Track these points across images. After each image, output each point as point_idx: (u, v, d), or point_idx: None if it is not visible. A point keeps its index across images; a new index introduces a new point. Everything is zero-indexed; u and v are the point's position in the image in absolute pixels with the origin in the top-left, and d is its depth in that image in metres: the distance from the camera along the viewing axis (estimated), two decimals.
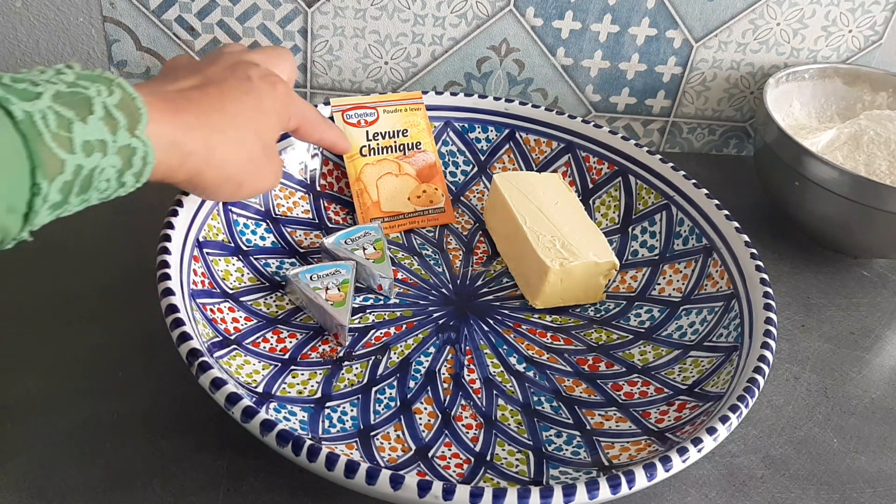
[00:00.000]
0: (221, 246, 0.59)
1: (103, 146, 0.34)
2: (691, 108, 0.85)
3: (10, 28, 0.72)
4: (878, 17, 0.80)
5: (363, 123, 0.66)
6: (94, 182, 0.34)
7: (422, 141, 0.68)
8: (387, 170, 0.66)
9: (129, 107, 0.35)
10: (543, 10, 0.76)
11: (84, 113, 0.33)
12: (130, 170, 0.36)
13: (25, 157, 0.30)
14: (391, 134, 0.67)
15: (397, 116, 0.67)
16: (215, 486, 0.48)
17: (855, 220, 0.67)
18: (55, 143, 0.31)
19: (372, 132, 0.66)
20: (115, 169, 0.35)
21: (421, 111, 0.68)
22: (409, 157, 0.67)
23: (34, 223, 0.33)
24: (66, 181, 0.32)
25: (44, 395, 0.52)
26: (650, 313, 0.61)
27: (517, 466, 0.49)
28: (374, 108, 0.67)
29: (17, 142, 0.30)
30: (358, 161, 0.66)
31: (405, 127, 0.67)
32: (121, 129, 0.34)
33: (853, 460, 0.55)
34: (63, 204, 0.34)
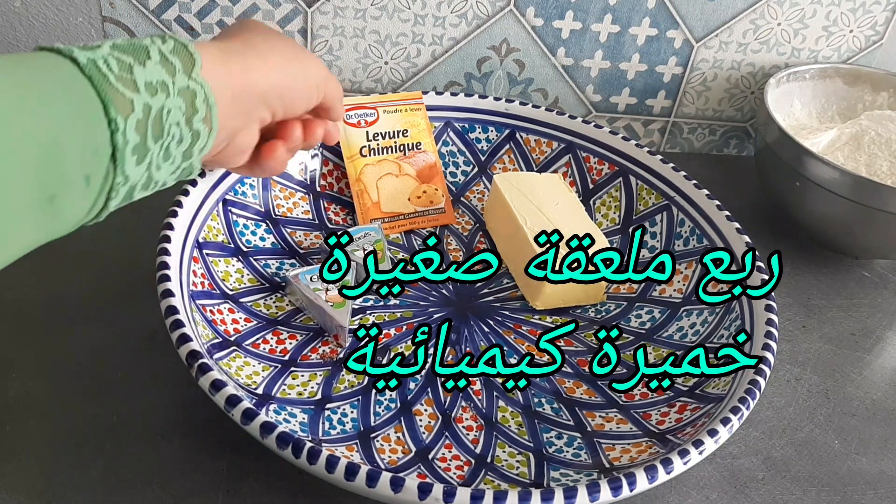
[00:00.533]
0: (221, 247, 0.59)
1: (165, 87, 0.36)
2: (692, 108, 0.85)
3: (9, 28, 0.71)
4: (878, 17, 0.80)
5: (363, 124, 0.66)
6: (164, 125, 0.36)
7: (422, 141, 0.68)
8: (387, 170, 0.66)
9: (182, 53, 0.37)
10: (544, 9, 0.76)
11: (142, 58, 0.35)
12: (197, 115, 0.38)
13: (95, 96, 0.32)
14: (391, 134, 0.67)
15: (397, 117, 0.67)
16: (215, 487, 0.48)
17: (856, 221, 0.67)
18: (120, 84, 0.33)
19: (372, 132, 0.66)
20: (182, 111, 0.37)
21: (421, 111, 0.68)
22: (409, 158, 0.67)
23: (126, 172, 0.34)
24: (138, 120, 0.34)
25: (44, 396, 0.51)
26: (651, 314, 0.61)
27: (518, 468, 0.49)
28: (375, 108, 0.67)
29: (85, 83, 0.32)
30: (358, 161, 0.66)
31: (405, 127, 0.67)
32: (178, 72, 0.36)
33: (854, 462, 0.55)
34: (144, 150, 0.35)
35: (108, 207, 0.35)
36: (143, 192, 0.38)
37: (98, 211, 0.35)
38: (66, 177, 0.31)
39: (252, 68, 0.42)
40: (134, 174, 0.35)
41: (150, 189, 0.38)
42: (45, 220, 0.31)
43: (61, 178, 0.31)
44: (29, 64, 0.32)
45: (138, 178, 0.36)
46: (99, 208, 0.35)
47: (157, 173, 0.37)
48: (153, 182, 0.38)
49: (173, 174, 0.39)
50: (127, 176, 0.35)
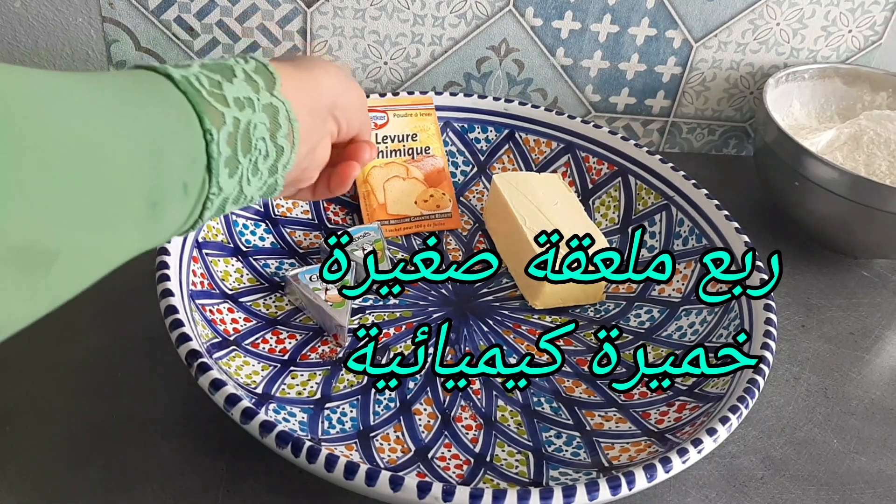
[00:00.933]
0: (221, 246, 0.59)
1: (251, 103, 0.38)
2: (691, 108, 0.85)
3: (9, 28, 0.72)
4: (877, 17, 0.80)
5: (373, 126, 0.66)
6: (252, 139, 0.37)
7: (431, 146, 0.68)
8: (394, 173, 0.66)
9: (263, 72, 0.39)
10: (543, 10, 0.76)
11: (229, 76, 0.37)
12: (280, 130, 0.39)
13: (191, 109, 0.34)
14: (400, 138, 0.67)
15: (407, 121, 0.67)
16: (215, 487, 0.48)
17: (855, 221, 0.67)
18: (212, 98, 0.35)
19: (381, 135, 0.66)
20: (266, 127, 0.38)
21: (431, 116, 0.68)
22: (417, 162, 0.67)
23: (220, 183, 0.36)
24: (229, 133, 0.36)
25: (44, 396, 0.52)
26: (650, 314, 0.61)
27: (517, 467, 0.49)
28: (385, 111, 0.67)
29: (181, 97, 0.34)
30: None
31: (415, 131, 0.67)
32: (261, 89, 0.39)
33: (853, 461, 0.55)
34: (235, 163, 0.37)
35: (203, 218, 0.37)
36: (234, 205, 0.39)
37: (194, 220, 0.37)
38: (168, 184, 0.32)
39: (320, 79, 0.44)
40: (227, 186, 0.37)
41: (239, 203, 0.39)
42: (148, 224, 0.32)
43: (165, 185, 0.32)
44: (130, 80, 0.33)
45: (231, 191, 0.37)
46: (195, 218, 0.36)
47: (247, 188, 0.39)
48: (243, 196, 0.39)
49: (260, 189, 0.40)
50: (221, 187, 0.36)
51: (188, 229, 0.37)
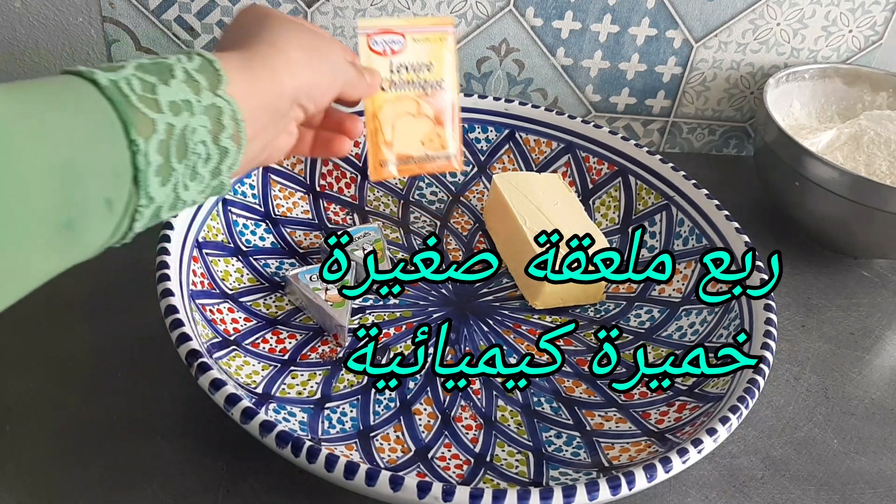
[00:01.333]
0: (221, 246, 0.59)
1: (189, 106, 0.35)
2: (691, 108, 0.85)
3: (9, 28, 0.72)
4: (878, 17, 0.80)
5: (388, 52, 0.59)
6: (189, 143, 0.35)
7: (445, 78, 0.61)
8: (405, 108, 0.61)
9: (208, 70, 0.37)
10: (543, 10, 0.76)
11: (166, 77, 0.35)
12: (224, 132, 0.37)
13: (116, 118, 0.32)
14: (415, 67, 0.61)
15: (425, 47, 0.61)
16: (214, 487, 0.48)
17: (855, 221, 0.67)
18: (142, 104, 0.33)
19: (396, 63, 0.60)
20: (207, 130, 0.36)
21: (446, 42, 0.62)
22: (429, 97, 0.61)
23: (150, 194, 0.34)
24: (161, 140, 0.34)
25: (44, 396, 0.52)
26: (650, 314, 0.61)
27: (517, 467, 0.49)
28: (403, 34, 0.60)
29: (105, 105, 0.32)
30: (377, 95, 0.59)
31: (430, 60, 0.61)
32: (203, 89, 0.36)
33: (853, 461, 0.55)
34: (168, 170, 0.34)
35: (133, 229, 0.35)
36: (171, 212, 0.37)
37: (123, 233, 0.35)
38: (84, 201, 0.31)
39: (279, 71, 0.42)
40: (159, 195, 0.35)
41: (177, 209, 0.37)
42: (65, 245, 0.31)
43: (79, 203, 0.30)
44: (49, 89, 0.31)
45: (164, 199, 0.35)
46: (124, 231, 0.34)
47: (184, 193, 0.37)
48: (181, 202, 0.37)
49: (202, 192, 0.38)
50: (151, 198, 0.34)
51: (119, 241, 0.35)
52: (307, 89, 0.44)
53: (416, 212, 0.70)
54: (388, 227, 0.67)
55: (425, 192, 0.71)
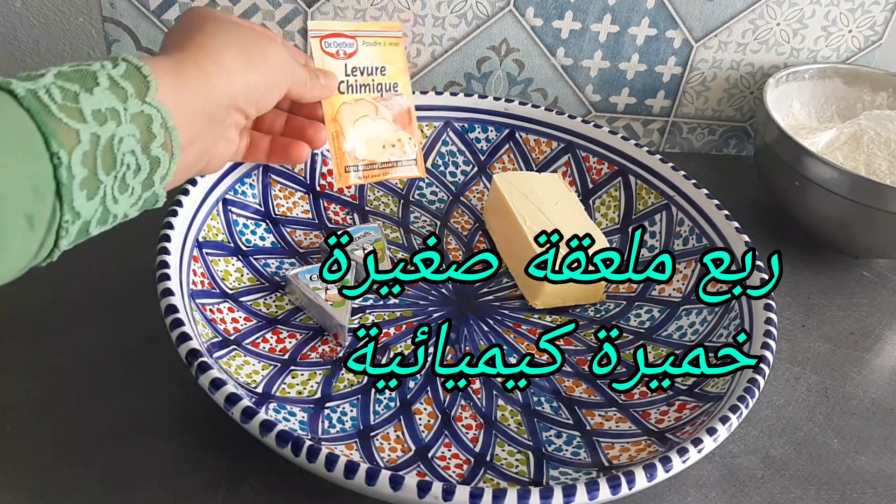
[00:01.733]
0: (221, 246, 0.59)
1: (116, 115, 0.33)
2: (691, 108, 0.85)
3: (9, 28, 0.72)
4: (877, 17, 0.80)
5: (342, 55, 0.59)
6: (116, 154, 0.33)
7: (399, 82, 0.62)
8: (364, 112, 0.60)
9: (135, 76, 0.35)
10: (543, 10, 0.76)
11: (90, 85, 0.33)
12: (155, 140, 0.35)
13: (35, 130, 0.30)
14: (369, 70, 0.60)
15: (376, 51, 0.61)
16: (215, 486, 0.48)
17: (855, 220, 0.67)
18: (64, 114, 0.31)
19: (350, 66, 0.60)
20: (135, 139, 0.34)
21: (399, 47, 0.62)
22: (385, 100, 0.61)
23: (75, 209, 0.32)
24: (85, 151, 0.32)
25: (43, 396, 0.52)
26: (650, 313, 0.61)
27: (517, 467, 0.49)
28: (354, 38, 0.60)
29: (23, 116, 0.30)
30: (335, 98, 0.59)
31: (383, 64, 0.61)
32: (130, 97, 0.34)
33: (853, 461, 0.55)
34: (95, 183, 0.33)
35: (59, 247, 0.33)
36: (101, 226, 0.35)
37: (49, 250, 0.33)
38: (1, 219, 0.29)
39: (211, 75, 0.39)
40: (86, 210, 0.33)
41: (108, 223, 0.36)
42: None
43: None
44: None
45: (91, 214, 0.33)
46: (49, 248, 0.32)
47: (114, 206, 0.35)
48: (111, 216, 0.35)
49: (134, 206, 0.36)
50: (77, 213, 0.32)
51: (45, 259, 0.33)
52: (245, 92, 0.41)
53: (416, 212, 0.70)
54: (388, 227, 0.67)
55: (425, 191, 0.71)
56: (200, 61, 0.39)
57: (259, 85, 0.42)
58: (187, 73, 0.38)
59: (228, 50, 0.41)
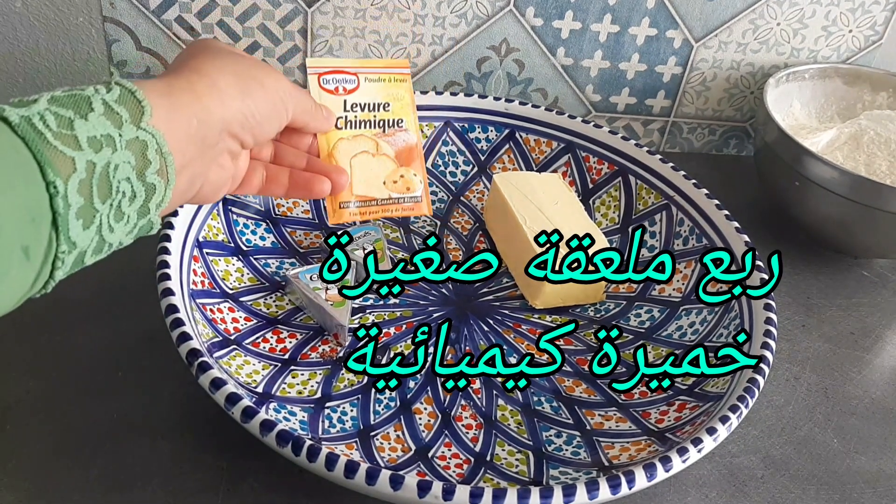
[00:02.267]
0: (221, 246, 0.59)
1: (111, 141, 0.33)
2: (691, 108, 0.85)
3: (10, 28, 0.72)
4: (878, 17, 0.80)
5: (341, 91, 0.58)
6: (112, 182, 0.33)
7: (404, 118, 0.60)
8: (362, 147, 0.58)
9: (129, 101, 0.34)
10: (543, 10, 0.76)
11: (84, 110, 0.32)
12: (150, 167, 0.35)
13: (30, 158, 0.29)
14: (371, 106, 0.58)
15: (380, 87, 0.59)
16: (215, 486, 0.48)
17: (855, 220, 0.67)
18: (59, 142, 0.31)
19: (350, 102, 0.58)
20: (131, 166, 0.33)
21: (406, 83, 0.60)
22: (388, 136, 0.59)
23: (71, 238, 0.31)
24: (81, 180, 0.31)
25: (44, 395, 0.52)
26: (650, 313, 0.61)
27: (517, 466, 0.49)
28: (356, 74, 0.58)
29: (18, 144, 0.29)
30: (331, 134, 0.57)
31: (387, 100, 0.59)
32: (125, 122, 0.34)
33: (853, 460, 0.55)
34: (91, 212, 0.32)
35: (55, 278, 0.32)
36: (96, 256, 0.35)
37: (44, 282, 0.32)
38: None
39: (204, 97, 0.38)
40: (81, 240, 0.32)
41: (103, 252, 0.35)
42: None
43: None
44: None
45: (87, 244, 0.33)
46: (44, 280, 0.32)
47: (109, 235, 0.34)
48: (106, 244, 0.34)
49: (130, 234, 0.36)
50: (73, 243, 0.32)
51: (39, 291, 0.32)
52: (240, 118, 0.41)
53: None
54: (388, 227, 0.67)
55: None
56: (194, 84, 0.39)
57: (256, 112, 0.42)
58: (180, 95, 0.37)
59: (224, 75, 0.40)
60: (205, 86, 0.39)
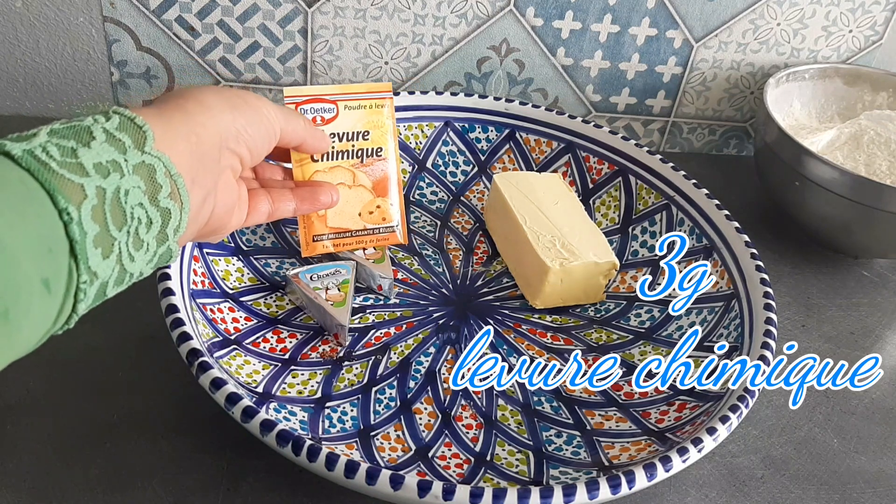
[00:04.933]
0: (221, 246, 0.59)
1: (117, 167, 0.32)
2: (691, 108, 0.85)
3: (10, 28, 0.72)
4: (878, 17, 0.80)
5: (319, 121, 0.57)
6: (125, 207, 0.32)
7: (383, 146, 0.58)
8: (339, 179, 0.57)
9: (130, 127, 0.34)
10: (543, 10, 0.76)
11: (86, 139, 0.32)
12: (161, 191, 0.34)
13: (38, 188, 0.29)
14: (350, 136, 0.57)
15: (359, 114, 0.58)
16: (215, 486, 0.48)
17: (855, 220, 0.67)
18: (65, 170, 0.30)
19: (329, 131, 0.57)
20: (142, 190, 0.33)
21: (386, 108, 0.58)
22: (366, 166, 0.58)
23: (91, 268, 0.31)
24: (94, 206, 0.31)
25: (44, 395, 0.52)
26: (650, 313, 0.61)
27: (517, 466, 0.49)
28: (335, 102, 0.57)
29: (25, 176, 0.29)
30: (307, 167, 0.56)
31: (367, 128, 0.58)
32: (129, 148, 0.33)
33: (853, 460, 0.55)
34: (109, 240, 0.32)
35: (77, 312, 0.32)
36: (118, 287, 0.34)
37: (67, 316, 0.31)
38: (17, 286, 0.27)
39: (195, 114, 0.39)
40: (102, 270, 0.32)
41: (125, 284, 0.34)
42: (1, 339, 0.27)
43: (12, 288, 0.27)
44: None
45: (108, 274, 0.32)
46: (67, 314, 0.31)
47: (130, 265, 0.33)
48: (128, 275, 0.34)
49: (150, 263, 0.35)
50: (94, 273, 0.31)
51: (62, 327, 0.32)
52: (234, 132, 0.41)
53: (416, 212, 0.70)
54: None
55: (425, 191, 0.71)
56: (182, 104, 0.39)
57: (247, 125, 0.42)
58: (172, 115, 0.37)
59: (209, 95, 0.40)
60: (193, 104, 0.39)
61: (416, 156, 0.72)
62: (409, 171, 0.71)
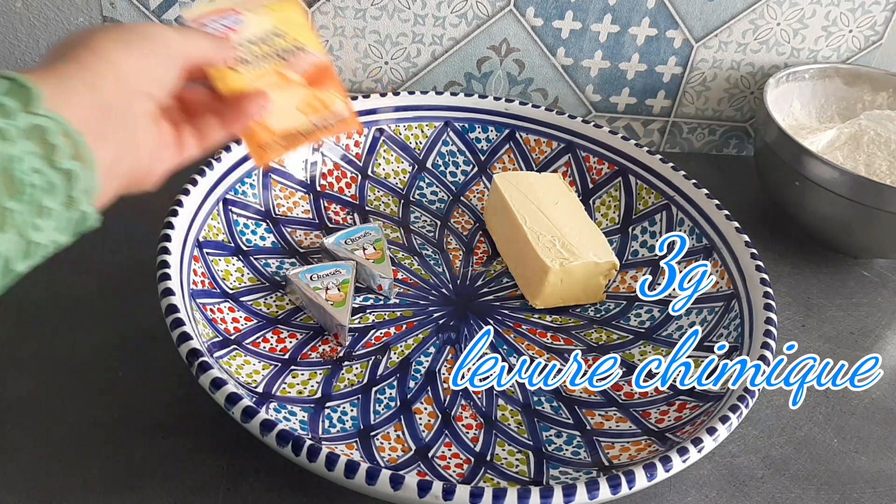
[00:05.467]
0: (221, 246, 0.59)
1: (2, 134, 0.30)
2: (691, 108, 0.85)
3: (10, 28, 0.72)
4: (878, 17, 0.80)
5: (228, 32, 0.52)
6: (16, 175, 0.30)
7: (304, 40, 0.54)
8: (268, 83, 0.53)
9: (14, 90, 0.32)
10: (543, 10, 0.76)
11: None
12: (58, 152, 0.32)
13: None
14: (263, 39, 0.53)
15: (267, 17, 0.53)
16: (215, 486, 0.48)
17: (855, 220, 0.67)
18: None
19: (241, 40, 0.52)
20: (36, 155, 0.31)
21: (292, 2, 0.54)
22: (291, 64, 0.53)
23: None
24: None
25: (44, 395, 0.52)
26: (650, 313, 0.61)
27: (517, 466, 0.49)
28: (235, 10, 0.52)
29: None
30: (230, 79, 0.50)
31: (279, 28, 0.53)
32: (15, 112, 0.31)
33: (853, 460, 0.55)
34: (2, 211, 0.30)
35: None
36: (28, 260, 0.32)
37: None
38: None
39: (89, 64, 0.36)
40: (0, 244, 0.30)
41: (36, 255, 0.32)
42: None
43: None
44: None
45: (9, 248, 0.30)
46: None
47: (36, 235, 0.31)
48: (36, 245, 0.32)
49: (63, 230, 0.33)
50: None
51: None
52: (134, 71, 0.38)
53: (416, 211, 0.70)
54: (389, 227, 0.67)
55: (426, 191, 0.71)
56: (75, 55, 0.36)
57: (146, 60, 0.39)
58: (64, 70, 0.35)
59: (99, 38, 0.37)
60: (86, 54, 0.36)
61: (416, 156, 0.72)
62: (409, 172, 0.71)
